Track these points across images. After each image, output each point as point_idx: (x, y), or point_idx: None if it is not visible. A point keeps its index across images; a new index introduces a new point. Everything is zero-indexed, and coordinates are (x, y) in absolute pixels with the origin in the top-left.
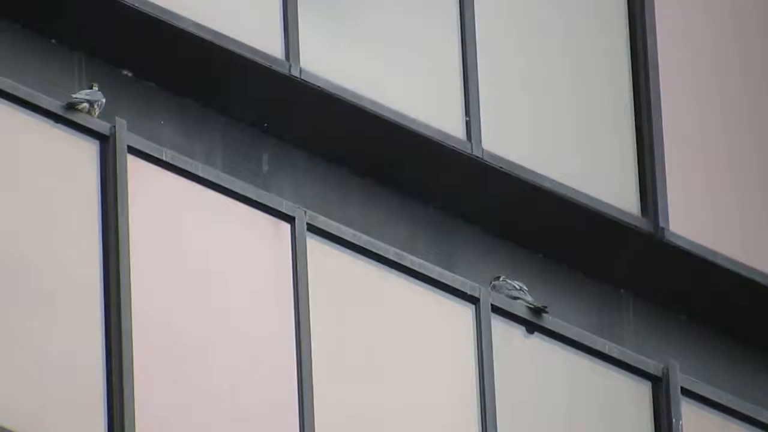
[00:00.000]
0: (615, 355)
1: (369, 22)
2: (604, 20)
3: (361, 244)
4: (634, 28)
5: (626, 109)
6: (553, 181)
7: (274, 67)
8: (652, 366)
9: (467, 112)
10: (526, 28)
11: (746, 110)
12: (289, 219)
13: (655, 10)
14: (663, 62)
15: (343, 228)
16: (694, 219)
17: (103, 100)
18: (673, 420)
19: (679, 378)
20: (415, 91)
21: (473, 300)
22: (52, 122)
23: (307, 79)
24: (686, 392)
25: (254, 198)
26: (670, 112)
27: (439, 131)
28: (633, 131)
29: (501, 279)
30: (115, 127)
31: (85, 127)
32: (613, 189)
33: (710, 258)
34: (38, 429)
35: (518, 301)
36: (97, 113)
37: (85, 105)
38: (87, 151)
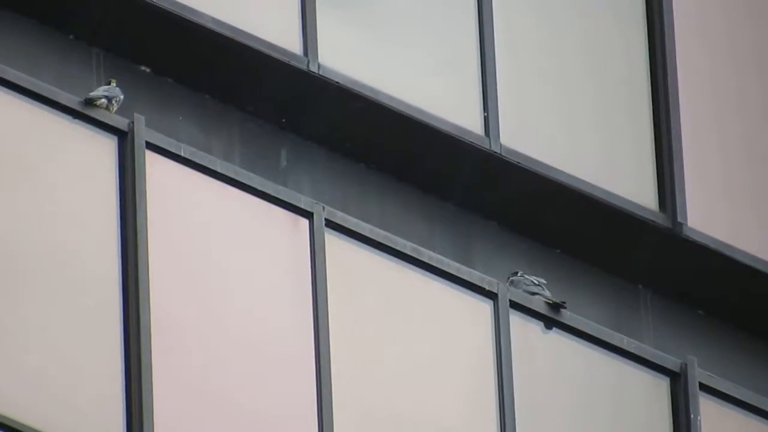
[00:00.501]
0: (633, 351)
1: (387, 18)
2: (622, 16)
3: (379, 240)
4: (652, 25)
5: (644, 104)
6: (571, 176)
7: (292, 62)
8: (671, 361)
9: (485, 108)
10: (545, 24)
11: (763, 106)
12: (308, 215)
13: (673, 8)
14: (681, 60)
15: (361, 223)
16: (712, 214)
17: (122, 96)
18: (692, 415)
19: (698, 373)
20: (433, 86)
21: (491, 295)
22: (70, 118)
23: (325, 75)
24: (705, 388)
25: (272, 194)
26: (687, 108)
27: (458, 127)
28: (651, 127)
29: (519, 274)
30: (133, 122)
31: (103, 122)
32: (631, 184)
33: (728, 253)
34: (57, 426)
35: (536, 296)
36: (115, 109)
37: (104, 101)
38: (105, 147)
